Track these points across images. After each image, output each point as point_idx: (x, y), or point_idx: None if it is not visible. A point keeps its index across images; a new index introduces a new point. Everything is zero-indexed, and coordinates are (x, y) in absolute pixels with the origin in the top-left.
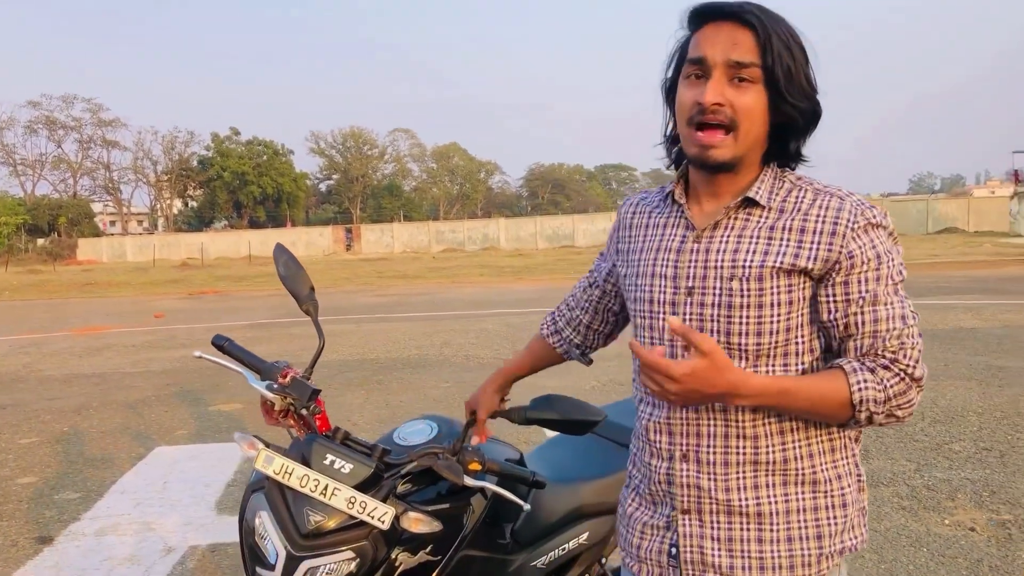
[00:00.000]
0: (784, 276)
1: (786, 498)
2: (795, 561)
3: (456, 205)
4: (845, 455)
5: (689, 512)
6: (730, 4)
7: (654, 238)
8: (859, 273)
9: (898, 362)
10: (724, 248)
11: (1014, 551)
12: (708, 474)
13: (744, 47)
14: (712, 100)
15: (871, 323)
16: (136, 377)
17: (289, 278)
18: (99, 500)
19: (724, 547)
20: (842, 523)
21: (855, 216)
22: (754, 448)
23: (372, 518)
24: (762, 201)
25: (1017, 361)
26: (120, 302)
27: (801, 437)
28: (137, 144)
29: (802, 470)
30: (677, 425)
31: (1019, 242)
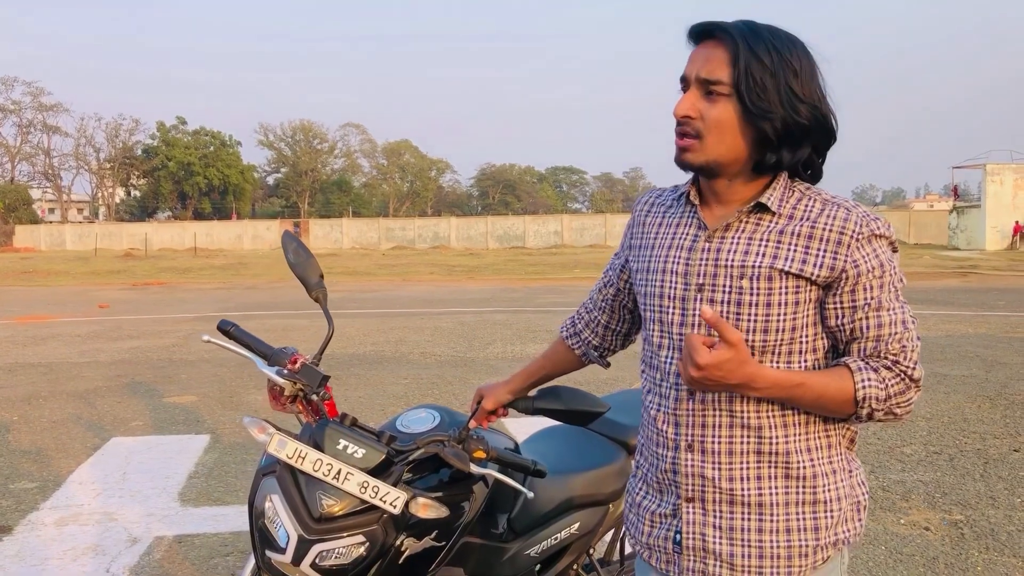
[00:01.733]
0: (792, 278)
1: (786, 490)
2: (792, 551)
3: (406, 203)
4: (840, 451)
5: (693, 500)
6: (708, 24)
7: (667, 235)
8: (865, 281)
9: (899, 364)
10: (735, 248)
11: (967, 550)
12: (713, 463)
13: (714, 64)
14: (680, 113)
15: (875, 327)
16: (84, 367)
17: (299, 265)
18: (57, 490)
19: (725, 535)
20: (837, 516)
21: (860, 227)
22: (758, 438)
23: (384, 503)
24: (773, 207)
25: (959, 369)
26: (62, 291)
27: (801, 432)
28: (79, 130)
29: (802, 463)
30: (684, 416)
31: (958, 255)
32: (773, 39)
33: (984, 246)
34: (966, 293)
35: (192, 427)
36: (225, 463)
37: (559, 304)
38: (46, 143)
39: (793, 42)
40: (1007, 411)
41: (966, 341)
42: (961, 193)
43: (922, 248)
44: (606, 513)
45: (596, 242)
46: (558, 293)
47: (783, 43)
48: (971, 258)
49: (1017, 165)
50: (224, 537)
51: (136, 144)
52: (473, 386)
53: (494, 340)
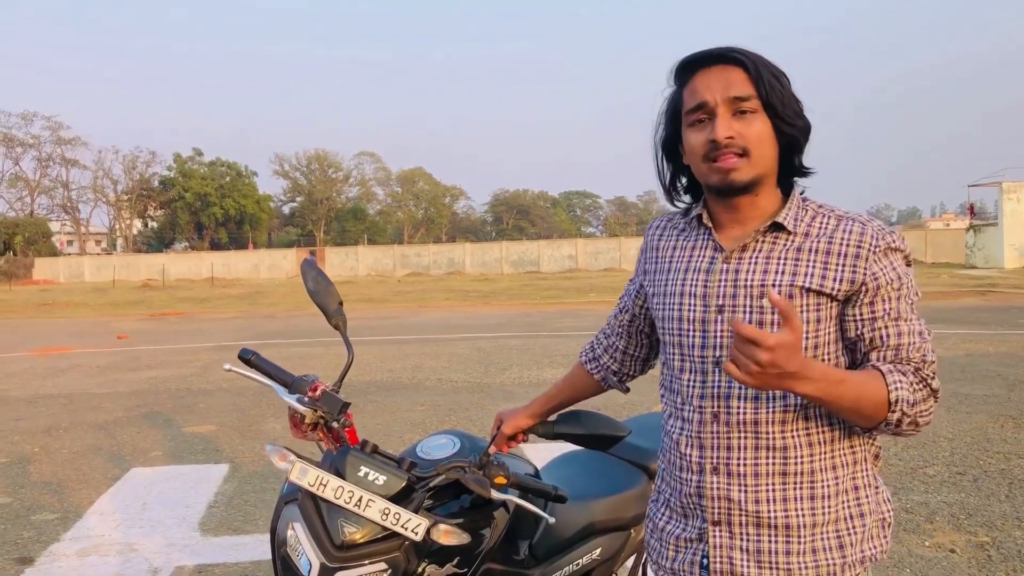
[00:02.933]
0: (813, 295)
1: (812, 511)
2: (820, 571)
3: (421, 229)
4: (865, 468)
5: (720, 524)
6: (717, 50)
7: (682, 259)
8: (884, 293)
9: (920, 371)
10: (754, 268)
11: (994, 572)
12: (739, 486)
13: (739, 83)
14: (724, 135)
15: (895, 336)
16: (104, 398)
17: (319, 293)
18: (78, 521)
19: (753, 558)
20: (861, 533)
21: (877, 240)
22: (783, 459)
23: (406, 529)
24: (789, 226)
25: (981, 389)
26: (80, 323)
27: (827, 450)
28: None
29: (826, 482)
30: (708, 438)
31: (975, 273)
32: (764, 58)
33: (1002, 264)
34: (986, 312)
35: (211, 456)
36: (244, 492)
37: (575, 328)
38: (65, 176)
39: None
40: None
41: (987, 360)
42: (977, 211)
43: (939, 267)
44: (628, 538)
45: (611, 266)
46: (574, 317)
47: (772, 62)
48: (989, 276)
49: None
50: (244, 567)
51: (153, 176)
52: (490, 412)
53: (511, 365)
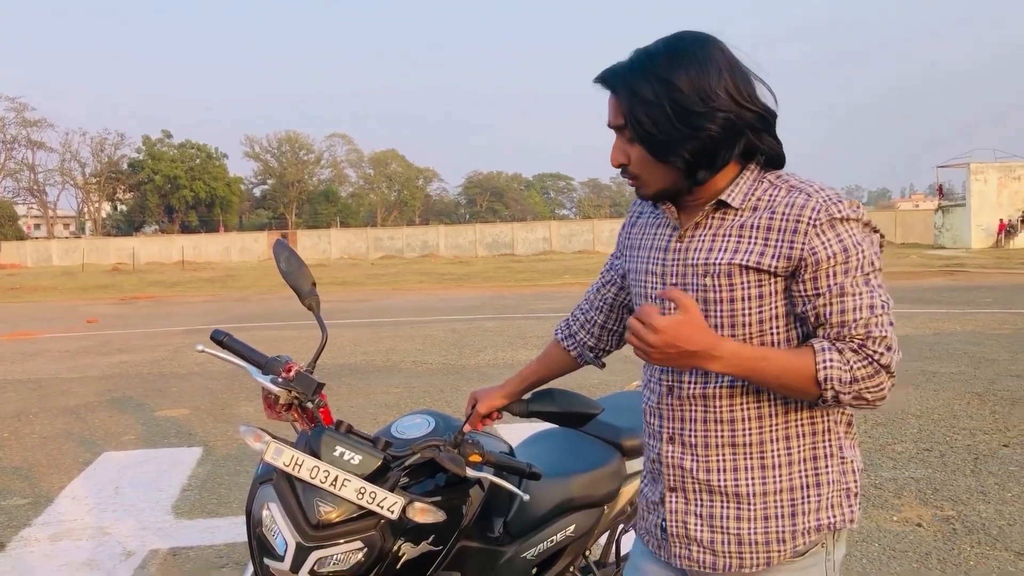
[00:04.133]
0: (753, 272)
1: (763, 480)
2: (770, 537)
3: (394, 212)
4: (828, 438)
5: (676, 490)
6: (602, 73)
7: (648, 236)
8: (826, 268)
9: (865, 347)
10: (700, 247)
11: (959, 544)
12: (691, 456)
13: (614, 113)
14: (615, 164)
15: (838, 313)
16: (74, 383)
17: (291, 274)
18: (49, 506)
19: (706, 523)
20: (815, 502)
21: (818, 213)
22: (731, 431)
23: (382, 508)
24: (734, 203)
25: (948, 367)
26: (49, 307)
27: (779, 421)
28: (64, 145)
29: (778, 452)
30: (665, 410)
31: (944, 253)
32: (654, 65)
33: (970, 244)
34: (953, 291)
35: (184, 440)
36: (218, 475)
37: (550, 311)
38: (31, 159)
39: (676, 55)
40: (996, 407)
41: (954, 339)
42: (946, 192)
43: (909, 247)
44: (601, 515)
45: (584, 248)
46: (548, 299)
47: (667, 63)
48: (957, 256)
49: (1000, 163)
50: (219, 549)
51: (122, 158)
52: (465, 393)
53: (485, 347)
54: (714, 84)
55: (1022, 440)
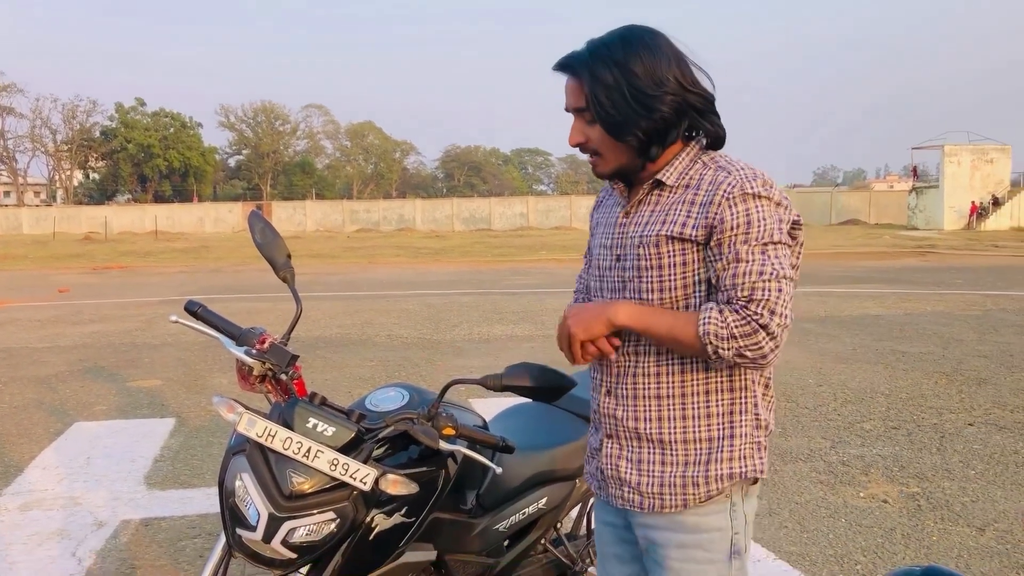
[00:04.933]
0: (677, 242)
1: (684, 430)
2: (687, 481)
3: (370, 185)
4: (744, 395)
5: (611, 437)
6: (560, 61)
7: (605, 215)
8: (729, 236)
9: (747, 308)
10: (639, 222)
11: (923, 520)
12: (622, 407)
13: (575, 95)
14: (573, 143)
15: (731, 277)
16: (45, 352)
17: (265, 245)
18: (19, 475)
19: (635, 467)
20: (728, 452)
21: (733, 188)
22: (656, 384)
23: (354, 480)
24: (668, 182)
25: (918, 346)
26: (20, 275)
27: (700, 377)
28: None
29: (697, 404)
30: (605, 365)
31: (916, 235)
32: (612, 53)
33: (942, 226)
34: (924, 272)
35: (157, 411)
36: (191, 446)
37: (526, 286)
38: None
39: (631, 43)
40: (963, 387)
41: (924, 319)
42: (920, 174)
43: (882, 228)
44: (573, 488)
45: (562, 224)
46: (525, 275)
47: (623, 52)
48: (929, 237)
49: (974, 146)
50: (191, 520)
51: (94, 126)
52: (440, 368)
53: (461, 322)
54: (664, 70)
55: (987, 419)
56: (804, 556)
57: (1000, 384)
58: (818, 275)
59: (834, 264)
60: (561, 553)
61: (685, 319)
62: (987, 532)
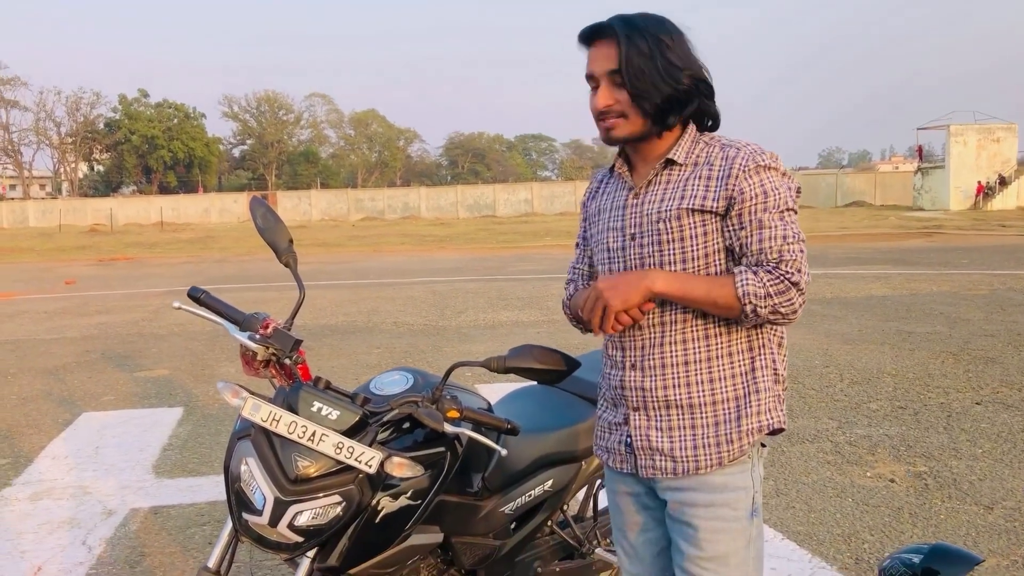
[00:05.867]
0: (697, 214)
1: (712, 392)
2: (720, 439)
3: (375, 173)
4: (763, 352)
5: (639, 409)
6: (595, 26)
7: (608, 200)
8: (750, 206)
9: (779, 268)
10: (654, 199)
11: (930, 499)
12: (650, 377)
13: (609, 59)
14: (601, 107)
15: (757, 242)
16: (53, 344)
17: (267, 230)
18: (29, 466)
19: (666, 434)
20: (756, 406)
21: (747, 161)
22: (683, 351)
23: (359, 463)
24: (679, 160)
25: (924, 326)
26: (26, 268)
27: (723, 340)
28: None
29: (722, 366)
30: (627, 341)
31: (922, 215)
32: (646, 25)
33: (948, 206)
34: (931, 252)
35: (165, 400)
36: (199, 435)
37: (531, 272)
38: (4, 118)
39: (662, 21)
40: (970, 366)
41: (931, 299)
42: (926, 154)
43: (888, 209)
44: (579, 470)
45: (566, 210)
46: (530, 261)
47: (654, 25)
48: (936, 218)
49: (980, 126)
50: (200, 507)
51: (98, 118)
52: (446, 354)
53: (466, 308)
54: (687, 51)
55: (994, 398)
56: (811, 536)
57: (1007, 363)
58: (824, 257)
59: (840, 246)
60: (568, 535)
61: (721, 282)
62: (995, 510)
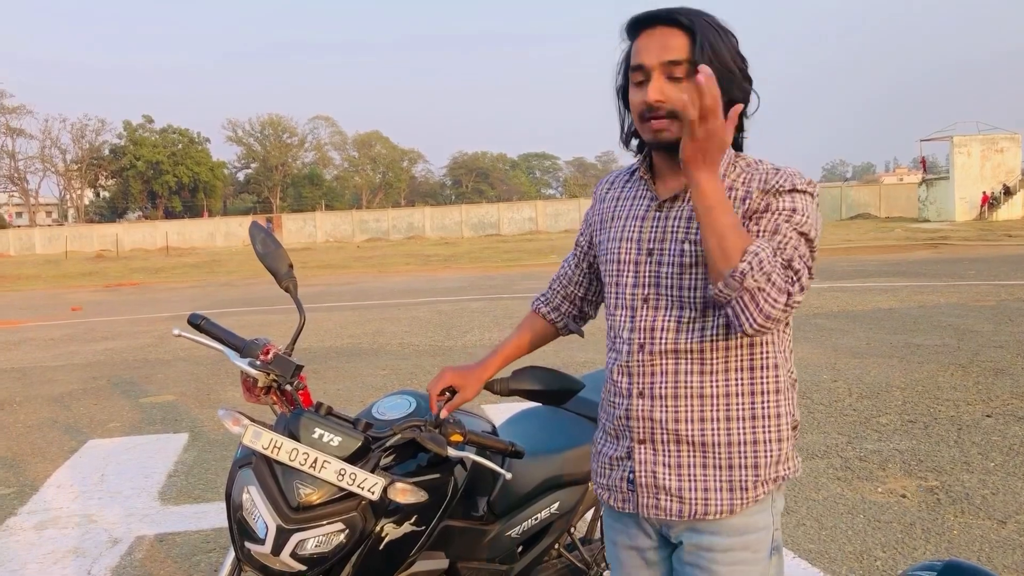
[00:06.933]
0: None
1: (728, 431)
2: (734, 485)
3: (379, 194)
4: (788, 397)
5: (644, 442)
6: (662, 11)
7: (624, 207)
8: (773, 215)
9: (790, 265)
10: (681, 216)
11: (943, 514)
12: (661, 407)
13: (677, 48)
14: (654, 98)
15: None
16: (59, 371)
17: (268, 256)
18: (34, 494)
19: (674, 472)
20: (777, 455)
21: (783, 181)
22: (700, 383)
23: (362, 489)
24: None
25: (932, 339)
26: (33, 295)
27: (745, 377)
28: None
29: (742, 406)
30: (635, 367)
31: (928, 227)
32: (712, 20)
33: (954, 217)
34: (937, 264)
35: (170, 426)
36: (205, 460)
37: (537, 290)
38: (10, 146)
39: (720, 21)
40: (979, 378)
41: (938, 311)
42: (930, 166)
43: (893, 221)
44: (585, 492)
45: (571, 227)
46: (535, 279)
47: (718, 23)
48: (941, 229)
49: (984, 136)
50: (206, 534)
51: (103, 144)
52: None
53: (472, 328)
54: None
55: (1005, 410)
56: (823, 553)
57: (1017, 374)
58: (830, 270)
59: (846, 259)
60: (575, 558)
61: (741, 230)
62: (1008, 524)
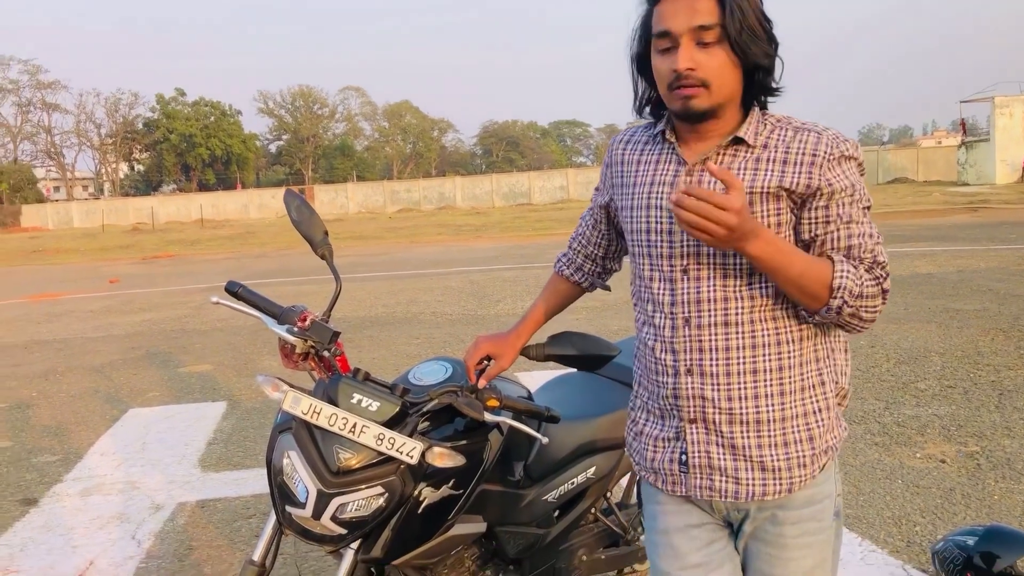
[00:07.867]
0: (773, 200)
1: (782, 406)
2: (792, 463)
3: (410, 164)
4: (830, 364)
5: (696, 422)
6: None
7: (647, 172)
8: (839, 198)
9: (872, 271)
10: (714, 180)
11: (983, 479)
12: (712, 385)
13: (705, 12)
14: (684, 67)
15: (846, 238)
16: (99, 342)
17: (303, 223)
18: (79, 462)
19: (728, 452)
20: (826, 424)
21: (831, 148)
22: (752, 357)
23: (401, 453)
24: (749, 140)
25: (972, 304)
26: (72, 268)
27: (795, 348)
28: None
29: (793, 378)
30: (680, 342)
31: (967, 191)
32: None
33: (994, 180)
34: (977, 228)
35: (209, 395)
36: (243, 428)
37: None
38: (46, 121)
39: None
40: (1021, 342)
41: (978, 275)
42: (969, 128)
43: (931, 185)
44: (621, 457)
45: None
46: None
47: None
48: (981, 192)
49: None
50: (246, 500)
51: (136, 118)
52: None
53: (504, 297)
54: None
55: None
56: (861, 519)
57: None
58: None
59: (883, 223)
60: (612, 522)
61: (818, 267)
62: None
